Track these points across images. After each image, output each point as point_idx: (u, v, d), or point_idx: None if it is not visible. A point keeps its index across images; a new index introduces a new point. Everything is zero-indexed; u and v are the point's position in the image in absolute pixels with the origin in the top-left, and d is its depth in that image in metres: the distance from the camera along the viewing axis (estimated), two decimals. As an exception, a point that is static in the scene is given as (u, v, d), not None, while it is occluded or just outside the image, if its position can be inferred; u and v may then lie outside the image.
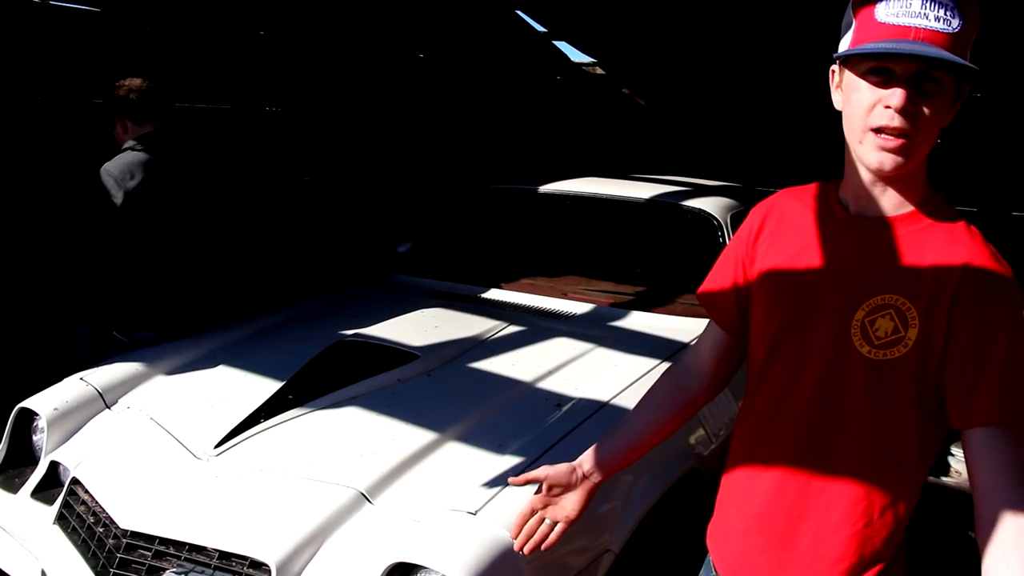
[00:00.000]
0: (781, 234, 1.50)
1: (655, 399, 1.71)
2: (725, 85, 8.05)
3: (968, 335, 1.25)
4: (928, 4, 1.22)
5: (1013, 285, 1.28)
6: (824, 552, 1.39)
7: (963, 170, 7.82)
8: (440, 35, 6.69)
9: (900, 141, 1.26)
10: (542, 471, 1.62)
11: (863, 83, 1.28)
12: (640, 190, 4.08)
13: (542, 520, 1.62)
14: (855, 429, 1.35)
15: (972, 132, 7.64)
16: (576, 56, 8.53)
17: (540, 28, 7.32)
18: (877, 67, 1.26)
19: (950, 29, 1.22)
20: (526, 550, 1.61)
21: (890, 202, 1.35)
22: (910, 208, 1.34)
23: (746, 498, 1.52)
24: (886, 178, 1.33)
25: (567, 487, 1.62)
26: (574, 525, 1.63)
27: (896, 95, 1.23)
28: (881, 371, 1.31)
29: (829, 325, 1.36)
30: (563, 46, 8.06)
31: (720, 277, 1.63)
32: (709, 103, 8.74)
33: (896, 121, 1.24)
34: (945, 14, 1.22)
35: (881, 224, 1.36)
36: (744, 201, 4.00)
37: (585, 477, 1.63)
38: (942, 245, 1.31)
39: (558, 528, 1.61)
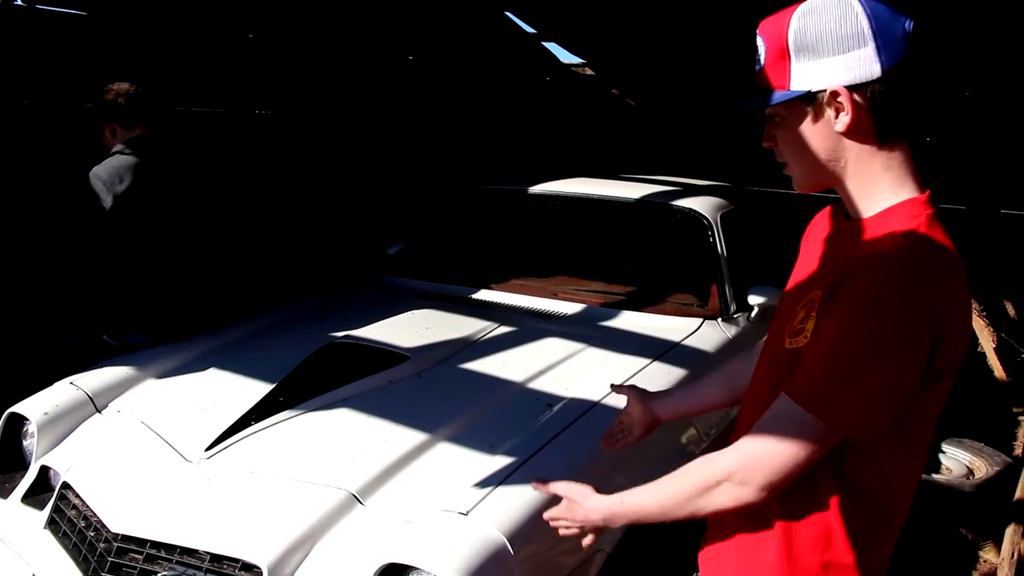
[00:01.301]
0: (810, 237, 1.58)
1: (732, 369, 1.79)
2: (715, 86, 8.07)
3: (825, 314, 1.27)
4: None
5: (895, 277, 1.20)
6: (747, 533, 1.43)
7: (952, 168, 7.85)
8: (429, 37, 6.69)
9: (785, 171, 1.41)
10: (625, 415, 1.88)
11: None
12: (630, 190, 4.09)
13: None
14: None
15: (961, 131, 7.68)
16: (565, 57, 8.53)
17: (529, 29, 7.32)
18: None
19: (758, 67, 1.35)
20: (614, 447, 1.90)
21: (854, 208, 1.37)
22: (876, 211, 1.34)
23: None
24: (837, 190, 1.39)
25: (639, 419, 1.86)
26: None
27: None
28: (791, 360, 1.33)
29: (784, 320, 1.42)
30: (552, 47, 8.07)
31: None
32: (699, 103, 8.75)
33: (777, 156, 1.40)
34: (757, 54, 1.35)
35: (854, 227, 1.38)
36: (734, 201, 4.01)
37: (654, 417, 1.85)
38: (873, 241, 1.30)
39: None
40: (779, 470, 1.25)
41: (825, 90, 1.28)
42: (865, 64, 1.26)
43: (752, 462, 1.27)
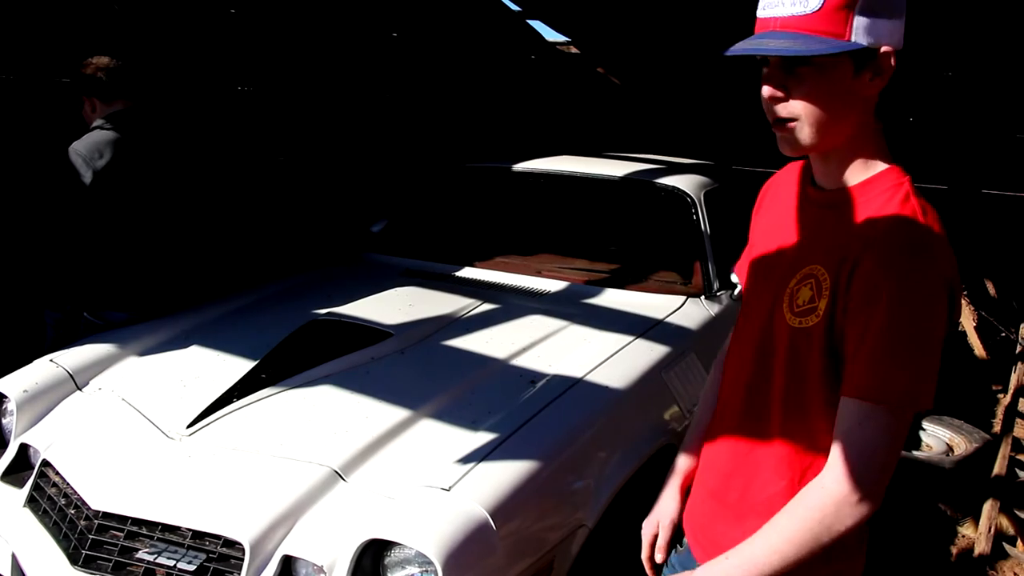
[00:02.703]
0: (770, 209, 1.57)
1: (711, 391, 1.75)
2: (699, 63, 8.05)
3: (856, 303, 1.26)
4: None
5: (914, 254, 1.24)
6: (748, 508, 1.45)
7: (934, 148, 7.88)
8: (414, 14, 6.64)
9: (785, 129, 1.31)
10: (663, 537, 1.69)
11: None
12: (614, 168, 4.08)
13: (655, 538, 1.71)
14: (778, 395, 1.40)
15: (943, 110, 7.71)
16: (551, 35, 8.51)
17: (514, 7, 7.28)
18: (761, 61, 1.32)
19: (807, 10, 1.23)
20: (661, 559, 1.70)
21: (836, 176, 1.37)
22: (860, 180, 1.35)
23: (704, 455, 1.63)
24: (820, 156, 1.36)
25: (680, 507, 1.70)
26: (551, 501, 1.74)
27: (764, 90, 1.30)
28: (798, 339, 1.34)
29: (770, 294, 1.41)
30: (538, 25, 8.02)
31: (743, 256, 1.70)
32: (684, 81, 8.74)
33: (773, 111, 1.31)
34: None
35: (832, 197, 1.38)
36: (718, 179, 4.01)
37: (681, 489, 1.71)
38: (870, 215, 1.31)
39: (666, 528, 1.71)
40: (886, 469, 1.26)
41: (879, 48, 1.25)
42: (901, 33, 1.27)
43: (860, 477, 1.24)
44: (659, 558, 1.69)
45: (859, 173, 1.35)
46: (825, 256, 1.33)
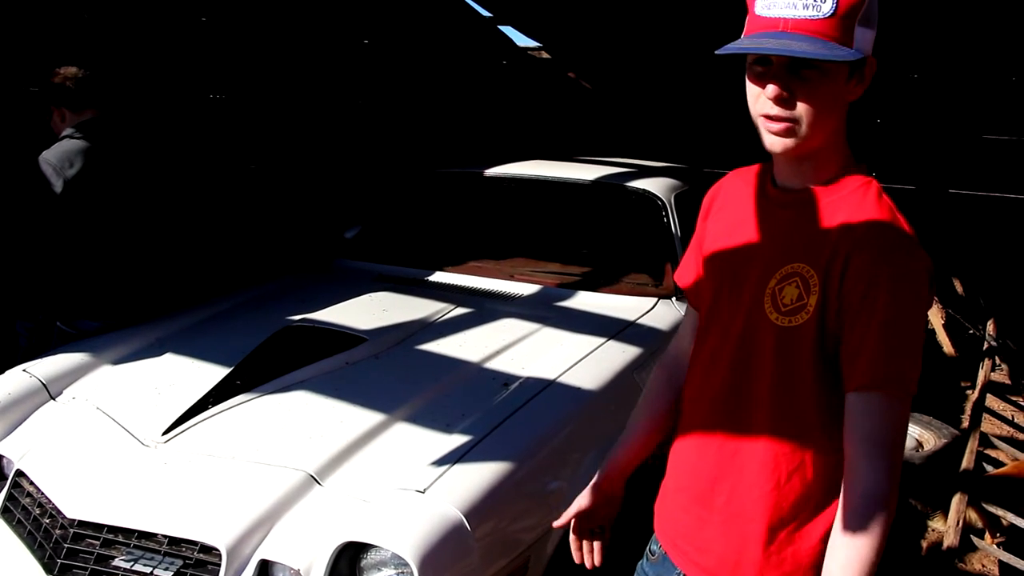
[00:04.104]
0: (723, 212, 1.57)
1: (651, 394, 1.77)
2: (670, 68, 8.11)
3: (854, 299, 1.30)
4: None
5: (905, 251, 1.31)
6: (737, 511, 1.45)
7: (901, 148, 7.98)
8: (385, 20, 6.65)
9: (784, 125, 1.32)
10: (576, 506, 1.72)
11: (750, 73, 1.35)
12: (585, 172, 4.12)
13: (588, 534, 1.75)
14: (764, 395, 1.40)
15: (910, 111, 7.81)
16: (522, 41, 8.54)
17: (485, 13, 7.31)
18: (758, 58, 1.32)
19: (820, 14, 1.26)
20: (598, 563, 1.75)
21: (808, 175, 1.41)
22: (826, 181, 1.40)
23: (677, 462, 1.59)
24: (794, 156, 1.38)
25: (601, 505, 1.73)
26: (525, 501, 1.68)
27: (770, 88, 1.30)
28: (786, 338, 1.36)
29: (749, 295, 1.42)
30: (508, 31, 8.07)
31: (688, 262, 1.70)
32: (654, 86, 8.80)
33: (775, 110, 1.31)
34: (814, 0, 1.26)
35: (802, 196, 1.41)
36: (688, 182, 4.06)
37: (607, 488, 1.73)
38: (849, 213, 1.35)
39: (604, 535, 1.76)
40: (902, 449, 1.32)
41: (865, 58, 1.31)
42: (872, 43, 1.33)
43: (892, 464, 1.28)
44: (555, 523, 1.76)
45: (828, 173, 1.39)
46: (806, 254, 1.35)
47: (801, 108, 1.30)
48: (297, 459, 2.19)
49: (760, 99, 1.33)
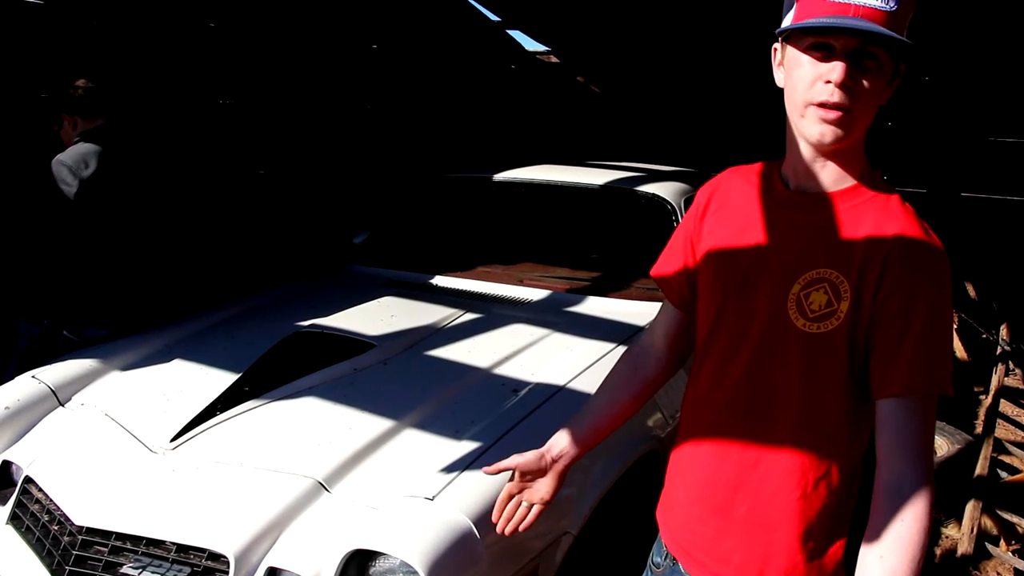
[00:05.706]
0: (725, 212, 1.53)
1: (614, 381, 1.74)
2: (679, 71, 8.11)
3: (891, 307, 1.29)
4: None
5: (940, 259, 1.31)
6: (760, 521, 1.42)
7: (913, 152, 7.95)
8: (394, 26, 6.66)
9: (839, 114, 1.30)
10: (513, 459, 1.65)
11: (805, 58, 1.32)
12: (594, 176, 4.10)
13: (519, 504, 1.67)
14: (789, 402, 1.38)
15: (922, 115, 7.78)
16: (530, 45, 8.54)
17: (494, 17, 7.31)
18: (818, 43, 1.30)
19: (887, 8, 1.26)
20: (507, 532, 1.67)
21: (829, 177, 1.38)
22: (849, 184, 1.38)
23: (690, 470, 1.55)
24: (826, 153, 1.36)
25: (538, 472, 1.66)
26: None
27: (836, 70, 1.28)
28: (815, 344, 1.34)
29: (767, 299, 1.39)
30: (517, 35, 8.06)
31: (671, 256, 1.66)
32: (663, 89, 8.79)
33: (836, 96, 1.29)
34: None
35: (820, 199, 1.39)
36: (697, 186, 4.03)
37: (554, 461, 1.67)
38: (876, 220, 1.34)
39: (535, 510, 1.67)
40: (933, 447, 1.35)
41: (909, 57, 1.33)
42: None
43: (928, 464, 1.29)
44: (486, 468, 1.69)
45: (848, 175, 1.38)
46: (831, 260, 1.34)
47: (857, 99, 1.30)
48: (305, 466, 2.18)
49: (816, 86, 1.30)
